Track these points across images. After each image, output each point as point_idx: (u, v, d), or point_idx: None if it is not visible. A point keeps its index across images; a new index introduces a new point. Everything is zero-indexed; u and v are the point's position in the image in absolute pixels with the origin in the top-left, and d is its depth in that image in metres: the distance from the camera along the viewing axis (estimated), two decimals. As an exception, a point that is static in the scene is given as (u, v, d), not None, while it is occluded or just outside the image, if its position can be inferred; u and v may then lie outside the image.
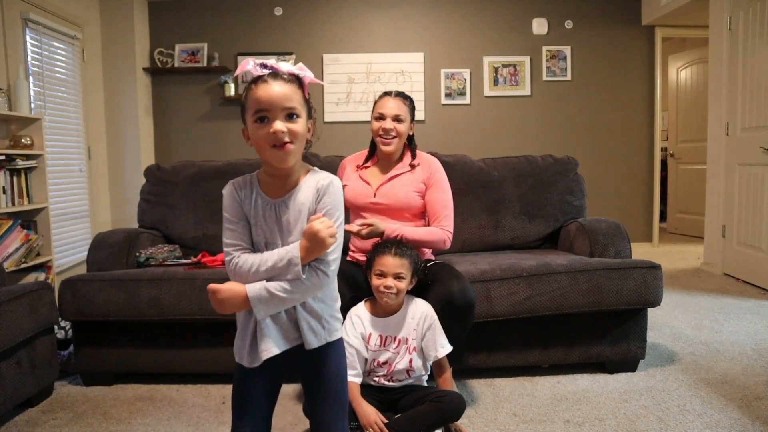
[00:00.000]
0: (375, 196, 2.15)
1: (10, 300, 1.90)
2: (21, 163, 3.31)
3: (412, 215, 2.18)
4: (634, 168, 5.29)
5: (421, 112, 5.14)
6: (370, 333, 1.86)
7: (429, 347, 1.86)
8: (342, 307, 1.84)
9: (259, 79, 1.23)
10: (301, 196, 1.28)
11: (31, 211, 3.44)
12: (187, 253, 2.68)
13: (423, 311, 1.88)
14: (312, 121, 1.30)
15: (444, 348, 1.86)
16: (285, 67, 1.26)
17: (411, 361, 1.86)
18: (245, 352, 1.27)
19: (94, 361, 2.26)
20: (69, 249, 4.16)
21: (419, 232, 2.10)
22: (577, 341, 2.27)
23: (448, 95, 5.20)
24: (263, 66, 1.25)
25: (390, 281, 1.78)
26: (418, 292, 1.95)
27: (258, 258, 1.23)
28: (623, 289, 2.18)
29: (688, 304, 3.32)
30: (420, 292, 1.95)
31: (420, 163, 2.21)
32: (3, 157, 3.16)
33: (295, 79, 1.26)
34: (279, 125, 1.20)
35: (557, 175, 2.82)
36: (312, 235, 1.20)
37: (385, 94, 2.19)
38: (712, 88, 4.23)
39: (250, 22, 5.13)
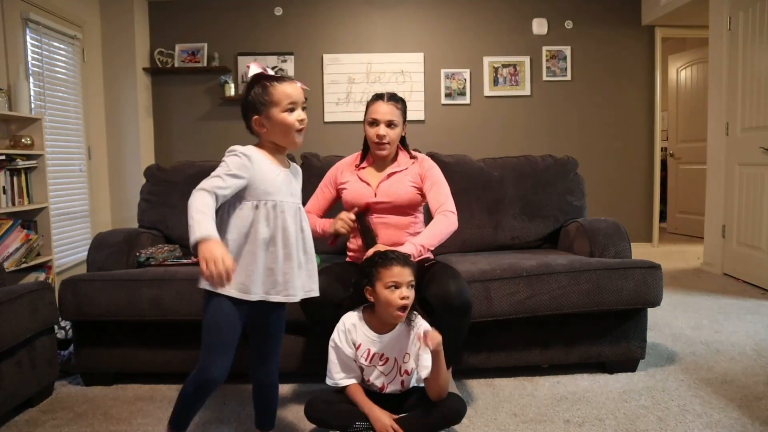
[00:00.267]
0: (376, 196, 2.15)
1: (10, 300, 1.90)
2: (21, 163, 3.31)
3: (413, 210, 2.19)
4: (634, 168, 5.29)
5: (421, 112, 5.14)
6: (360, 344, 1.76)
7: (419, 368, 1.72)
8: (333, 306, 1.84)
9: (279, 79, 1.52)
10: (295, 172, 1.65)
11: (31, 211, 3.45)
12: (187, 253, 2.67)
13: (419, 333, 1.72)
14: None
15: (426, 368, 1.68)
16: (270, 72, 1.57)
17: (403, 382, 1.78)
18: (252, 284, 1.47)
19: (94, 361, 2.26)
20: (69, 249, 4.16)
21: (431, 233, 2.04)
22: (577, 341, 2.27)
23: (448, 95, 5.20)
24: (265, 69, 1.54)
25: (405, 291, 1.70)
26: (415, 292, 1.91)
27: (198, 209, 1.38)
28: (623, 289, 2.18)
29: (688, 304, 3.32)
30: (416, 292, 1.92)
31: (414, 160, 2.23)
32: (3, 157, 3.16)
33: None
34: (304, 115, 1.55)
35: (557, 175, 2.82)
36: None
37: (377, 98, 2.15)
38: (712, 88, 4.23)
39: (250, 22, 5.13)
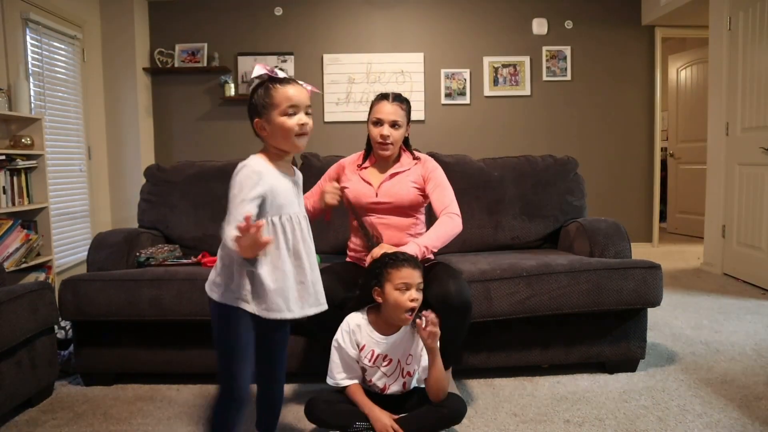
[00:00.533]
0: (377, 196, 2.14)
1: (10, 300, 1.90)
2: (21, 163, 3.31)
3: (414, 211, 2.18)
4: (634, 168, 5.29)
5: (421, 112, 5.14)
6: (364, 345, 1.77)
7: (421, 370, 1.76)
8: (335, 307, 1.84)
9: (282, 81, 1.47)
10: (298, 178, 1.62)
11: (31, 211, 3.44)
12: (187, 253, 2.68)
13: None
14: None
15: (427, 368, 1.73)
16: (282, 74, 1.50)
17: (404, 384, 1.79)
18: (288, 302, 1.46)
19: (94, 361, 2.26)
20: (69, 249, 4.16)
21: (435, 234, 2.03)
22: (577, 341, 2.27)
23: (448, 95, 5.20)
24: (272, 71, 1.48)
25: (415, 293, 1.70)
26: None
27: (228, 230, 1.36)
28: (623, 289, 2.18)
29: (688, 304, 3.32)
30: None
31: (417, 161, 2.22)
32: (3, 157, 3.16)
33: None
34: (306, 119, 1.48)
35: (557, 175, 2.82)
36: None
37: (382, 98, 2.14)
38: (712, 88, 4.23)
39: (250, 22, 5.13)
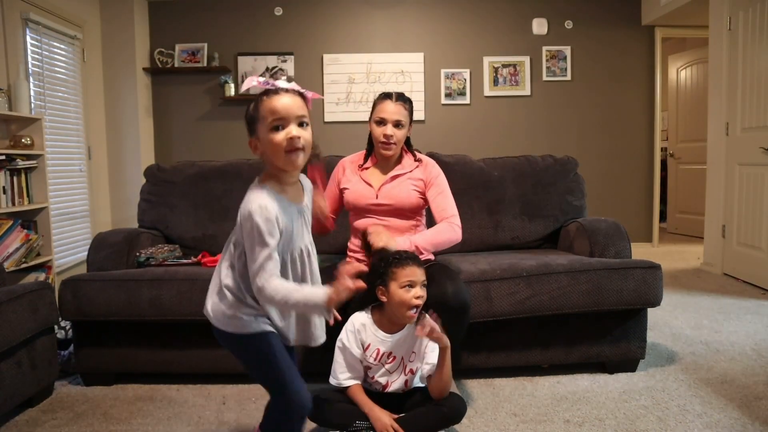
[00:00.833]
0: (377, 197, 2.14)
1: (10, 300, 1.90)
2: (21, 163, 3.31)
3: (414, 214, 2.18)
4: (634, 168, 5.29)
5: (421, 112, 5.14)
6: (369, 344, 1.80)
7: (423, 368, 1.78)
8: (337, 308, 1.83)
9: (270, 92, 1.35)
10: (306, 194, 1.49)
11: (31, 211, 3.44)
12: (187, 253, 2.68)
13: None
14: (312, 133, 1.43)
15: (430, 365, 1.75)
16: (283, 84, 1.38)
17: (406, 382, 1.82)
18: (294, 334, 1.48)
19: (94, 361, 2.26)
20: (69, 249, 4.16)
21: (431, 237, 2.06)
22: (577, 341, 2.27)
23: (448, 95, 5.20)
24: (266, 83, 1.37)
25: (419, 290, 1.72)
26: None
27: (290, 290, 1.34)
28: (623, 289, 2.18)
29: (688, 304, 3.32)
30: None
31: (419, 164, 2.22)
32: (3, 157, 3.16)
33: (300, 95, 1.39)
34: (295, 131, 1.33)
35: (557, 175, 2.82)
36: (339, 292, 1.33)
37: (385, 97, 2.14)
38: (712, 88, 4.23)
39: (250, 22, 5.13)
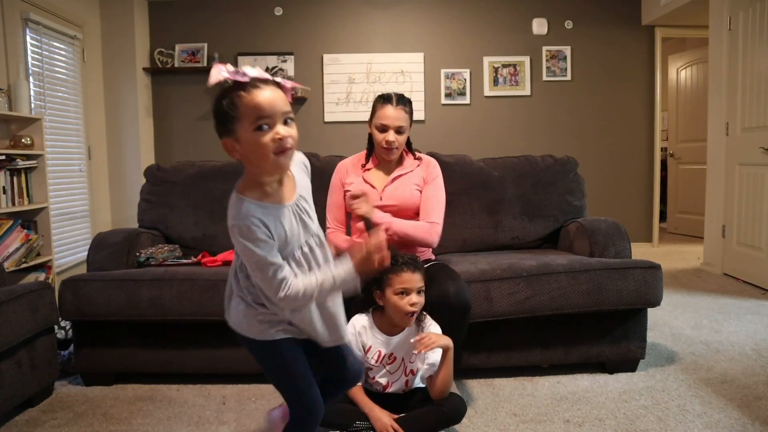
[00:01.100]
0: (381, 199, 2.13)
1: (10, 300, 1.90)
2: (21, 163, 3.31)
3: (416, 213, 2.18)
4: (634, 168, 5.29)
5: (421, 112, 5.14)
6: (370, 346, 1.80)
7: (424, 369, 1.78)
8: None
9: (248, 86, 1.15)
10: (300, 181, 1.31)
11: (31, 211, 3.44)
12: (187, 253, 2.68)
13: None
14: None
15: (431, 366, 1.74)
16: (252, 72, 1.18)
17: (407, 382, 1.82)
18: (324, 333, 1.35)
19: (94, 361, 2.26)
20: (69, 249, 4.16)
21: (406, 225, 2.07)
22: (577, 341, 2.27)
23: (448, 95, 5.19)
24: (236, 72, 1.16)
25: (415, 297, 1.72)
26: None
27: (314, 282, 1.25)
28: (623, 289, 2.18)
29: (688, 304, 3.32)
30: None
31: (420, 162, 2.23)
32: (3, 157, 3.16)
33: (276, 85, 1.20)
34: (284, 131, 1.15)
35: (557, 175, 2.82)
36: (366, 256, 1.27)
37: (385, 101, 2.11)
38: (712, 88, 4.23)
39: (250, 22, 5.12)
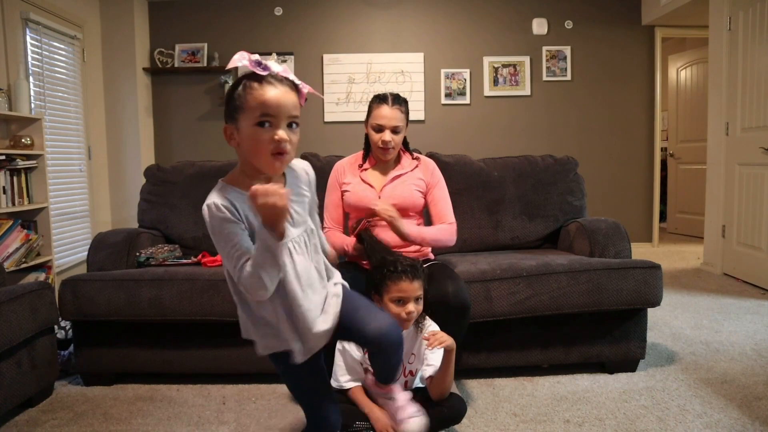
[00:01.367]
0: (380, 199, 2.13)
1: (10, 300, 1.90)
2: (21, 163, 3.31)
3: (416, 213, 2.20)
4: (634, 168, 5.29)
5: (421, 112, 5.14)
6: None
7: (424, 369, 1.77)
8: None
9: (263, 80, 1.16)
10: (297, 184, 1.30)
11: (31, 211, 3.45)
12: (187, 253, 2.68)
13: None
14: None
15: (430, 366, 1.74)
16: (275, 67, 1.19)
17: (406, 383, 1.81)
18: (295, 341, 1.25)
19: (94, 361, 2.26)
20: (69, 249, 4.16)
21: (435, 232, 2.13)
22: (577, 341, 2.27)
23: (448, 95, 5.20)
24: (258, 63, 1.17)
25: (412, 306, 1.71)
26: None
27: (249, 263, 1.15)
28: (623, 289, 2.18)
29: (688, 304, 3.32)
30: None
31: (419, 163, 2.23)
32: (3, 157, 3.16)
33: (295, 87, 1.21)
34: (284, 133, 1.15)
35: (557, 175, 2.82)
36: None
37: (381, 101, 2.11)
38: (712, 88, 4.23)
39: (250, 22, 5.13)
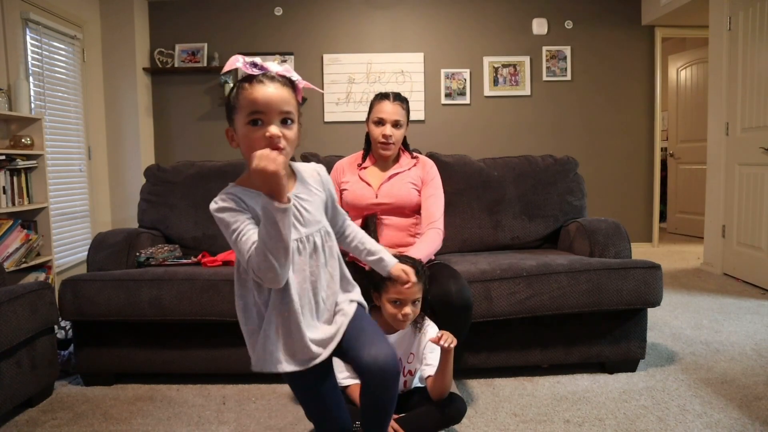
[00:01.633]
0: (377, 197, 2.15)
1: (10, 300, 1.90)
2: (21, 163, 3.31)
3: (412, 211, 2.20)
4: (634, 168, 5.29)
5: (421, 112, 5.14)
6: None
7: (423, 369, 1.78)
8: None
9: (254, 79, 1.18)
10: (307, 183, 1.31)
11: (31, 211, 3.45)
12: (187, 253, 2.68)
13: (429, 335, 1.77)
14: (300, 126, 1.26)
15: (429, 366, 1.75)
16: (274, 67, 1.21)
17: (405, 383, 1.82)
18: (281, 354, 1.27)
19: (94, 361, 2.26)
20: (69, 249, 4.16)
21: (425, 248, 2.06)
22: (577, 341, 2.27)
23: (448, 95, 5.20)
24: (254, 65, 1.19)
25: (408, 309, 1.71)
26: None
27: (256, 243, 1.20)
28: (623, 289, 2.18)
29: (688, 304, 3.32)
30: None
31: (417, 162, 2.24)
32: (3, 157, 3.16)
33: (289, 83, 1.22)
34: (275, 129, 1.16)
35: (557, 175, 2.82)
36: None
37: (383, 97, 2.15)
38: (712, 88, 4.23)
39: (250, 22, 5.13)
